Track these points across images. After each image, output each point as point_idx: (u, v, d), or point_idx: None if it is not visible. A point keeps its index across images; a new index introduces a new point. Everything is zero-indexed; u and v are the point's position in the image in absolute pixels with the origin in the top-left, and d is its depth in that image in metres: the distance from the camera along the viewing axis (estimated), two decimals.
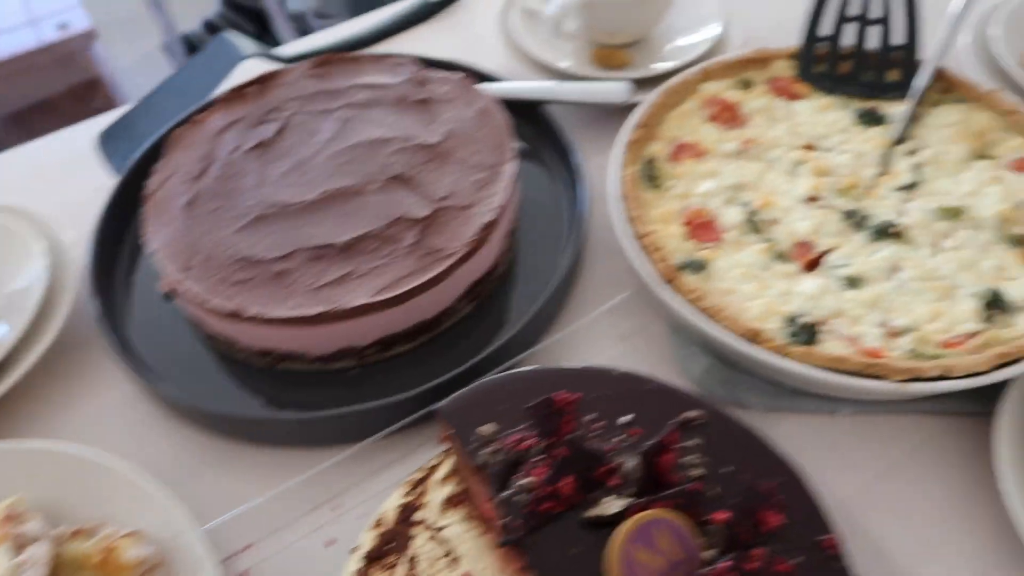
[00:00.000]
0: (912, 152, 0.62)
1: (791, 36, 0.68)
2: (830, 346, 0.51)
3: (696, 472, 0.44)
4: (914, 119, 0.64)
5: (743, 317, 0.52)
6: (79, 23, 1.76)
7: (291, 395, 0.57)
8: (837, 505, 0.48)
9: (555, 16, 0.71)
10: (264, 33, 2.16)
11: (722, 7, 0.78)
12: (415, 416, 0.52)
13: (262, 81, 0.68)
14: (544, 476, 0.43)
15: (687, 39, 0.77)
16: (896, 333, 0.52)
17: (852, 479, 0.52)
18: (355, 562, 0.50)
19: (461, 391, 0.48)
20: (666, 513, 0.41)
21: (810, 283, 0.55)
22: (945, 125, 0.63)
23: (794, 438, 0.54)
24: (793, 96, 0.67)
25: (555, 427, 0.46)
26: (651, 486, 0.43)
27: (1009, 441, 0.49)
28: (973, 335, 0.51)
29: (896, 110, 0.64)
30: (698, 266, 0.55)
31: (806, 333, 0.52)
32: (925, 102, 0.65)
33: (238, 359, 0.58)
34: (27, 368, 0.56)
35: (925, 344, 0.51)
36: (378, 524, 0.51)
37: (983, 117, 0.63)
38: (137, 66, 2.28)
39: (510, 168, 0.59)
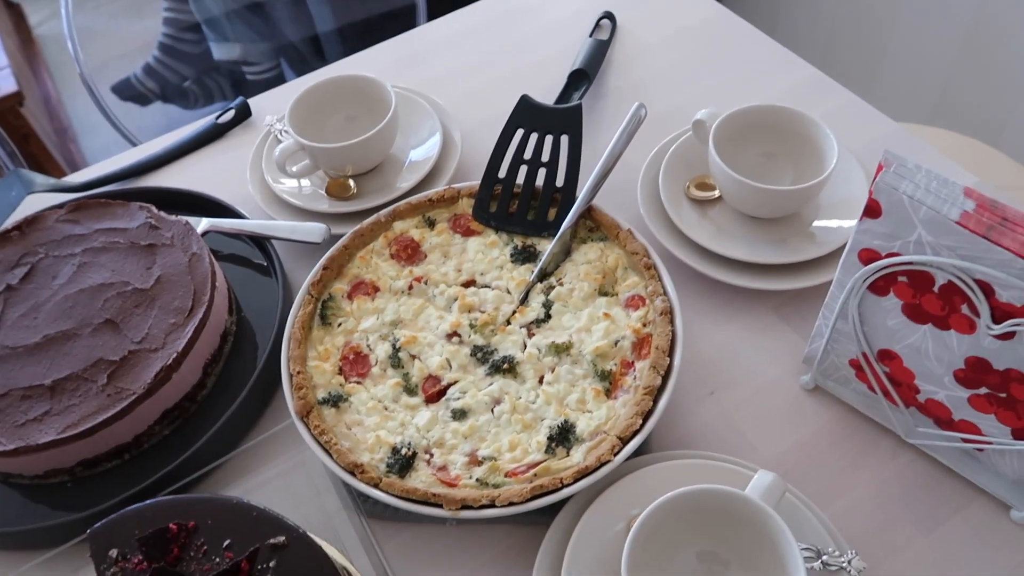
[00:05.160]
0: (550, 288, 0.73)
1: None
2: (418, 475, 0.62)
3: None
4: (567, 256, 0.75)
5: (357, 448, 0.64)
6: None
7: (18, 505, 0.69)
8: None
9: (278, 160, 0.83)
10: (200, 78, 2.29)
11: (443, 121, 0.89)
12: (82, 538, 0.64)
13: (26, 224, 0.80)
14: None
15: (419, 152, 0.89)
16: (477, 462, 0.63)
17: None
18: None
19: (112, 515, 0.60)
20: None
21: (425, 415, 0.66)
22: (584, 262, 0.74)
23: (412, 543, 0.65)
24: (468, 233, 0.78)
25: (164, 553, 0.58)
26: None
27: (547, 554, 0.60)
28: (535, 465, 0.62)
29: (546, 247, 0.75)
30: (339, 400, 0.67)
31: (403, 463, 0.63)
32: (577, 240, 0.76)
33: None
34: None
35: (495, 473, 0.62)
36: None
37: (615, 255, 0.73)
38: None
39: (201, 313, 0.71)
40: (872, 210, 0.53)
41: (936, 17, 1.68)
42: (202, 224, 0.83)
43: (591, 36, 1.03)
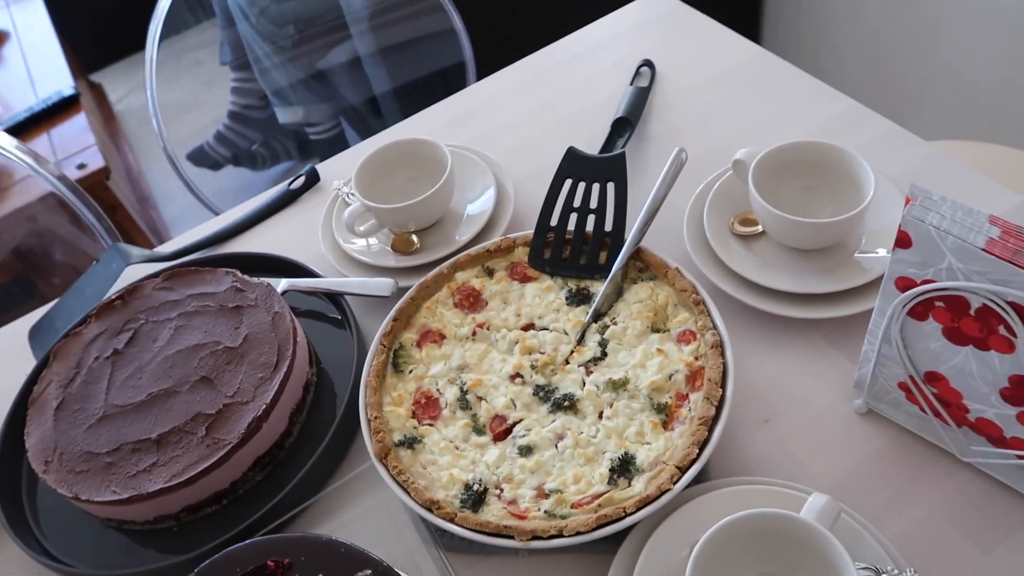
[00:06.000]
0: (604, 328, 0.77)
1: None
2: (490, 509, 0.67)
3: None
4: (619, 296, 0.79)
5: (432, 487, 0.69)
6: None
7: (131, 549, 0.77)
8: None
9: (347, 222, 0.90)
10: (267, 141, 2.43)
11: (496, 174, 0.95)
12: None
13: (127, 293, 0.89)
14: None
15: (476, 206, 0.95)
16: (544, 495, 0.67)
17: None
18: None
19: (215, 556, 0.67)
20: None
21: (493, 452, 0.71)
22: (636, 301, 0.78)
23: (487, 574, 0.70)
24: (525, 279, 0.83)
25: None
26: None
27: None
28: (599, 496, 0.66)
29: (599, 289, 0.79)
30: (413, 441, 0.72)
31: (475, 499, 0.68)
32: (627, 280, 0.80)
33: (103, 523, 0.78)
34: None
35: (561, 505, 0.66)
36: None
37: (665, 293, 0.77)
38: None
39: (285, 367, 0.78)
40: (903, 241, 0.56)
41: (981, 27, 1.68)
42: (281, 284, 0.90)
43: (632, 84, 1.08)
